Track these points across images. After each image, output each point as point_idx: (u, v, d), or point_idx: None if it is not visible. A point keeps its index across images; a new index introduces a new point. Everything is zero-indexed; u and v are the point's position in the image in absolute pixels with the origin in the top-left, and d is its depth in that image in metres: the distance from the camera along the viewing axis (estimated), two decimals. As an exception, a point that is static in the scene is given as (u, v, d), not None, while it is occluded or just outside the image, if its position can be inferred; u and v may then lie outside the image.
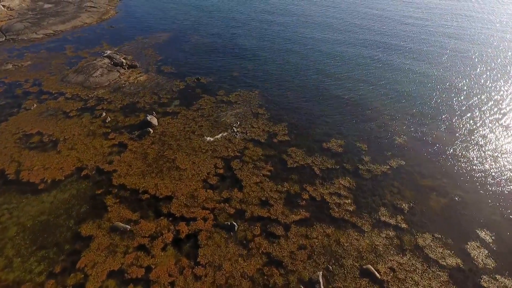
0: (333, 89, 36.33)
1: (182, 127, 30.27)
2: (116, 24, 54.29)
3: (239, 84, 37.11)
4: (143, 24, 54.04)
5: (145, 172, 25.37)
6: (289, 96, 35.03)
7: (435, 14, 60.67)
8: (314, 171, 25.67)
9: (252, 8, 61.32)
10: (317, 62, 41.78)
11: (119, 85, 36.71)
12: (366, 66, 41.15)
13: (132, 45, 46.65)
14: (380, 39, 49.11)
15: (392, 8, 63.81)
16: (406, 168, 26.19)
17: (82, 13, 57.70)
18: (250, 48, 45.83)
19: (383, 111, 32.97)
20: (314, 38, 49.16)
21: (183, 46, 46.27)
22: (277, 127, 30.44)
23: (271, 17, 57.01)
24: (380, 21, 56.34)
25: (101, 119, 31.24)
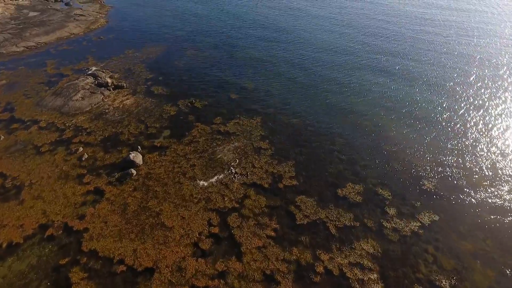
0: (345, 116, 31.36)
1: (171, 166, 25.34)
2: (106, 34, 49.24)
3: (238, 108, 32.14)
4: (135, 35, 48.97)
5: (123, 231, 20.47)
6: (295, 125, 30.08)
7: (454, 32, 55.54)
8: (328, 230, 20.76)
9: (253, 18, 56.16)
10: (325, 82, 36.77)
11: (102, 111, 31.73)
12: (384, 89, 36.12)
13: (120, 60, 41.63)
14: (394, 59, 44.07)
15: (417, 27, 58.71)
16: (440, 224, 21.26)
17: (70, 22, 52.62)
18: (250, 63, 40.81)
19: (405, 144, 28.01)
20: (323, 55, 44.11)
21: (176, 62, 41.23)
22: (282, 166, 25.51)
23: (274, 27, 51.88)
24: (397, 41, 51.25)
25: (77, 155, 26.32)
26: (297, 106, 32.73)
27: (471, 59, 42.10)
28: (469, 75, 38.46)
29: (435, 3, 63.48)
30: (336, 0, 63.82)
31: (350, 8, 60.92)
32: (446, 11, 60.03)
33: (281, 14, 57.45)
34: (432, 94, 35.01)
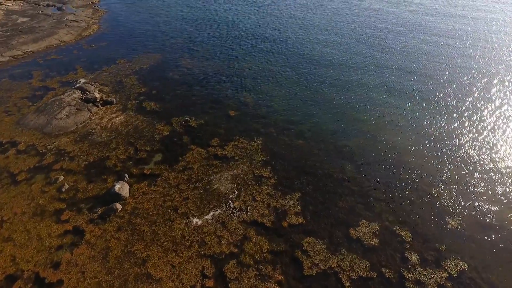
0: (355, 138, 28.24)
1: (161, 200, 22.27)
2: (98, 42, 46.11)
3: (238, 128, 29.04)
4: (129, 43, 45.82)
5: (102, 284, 17.40)
6: (299, 147, 26.99)
7: (470, 44, 52.26)
8: (341, 283, 17.67)
9: (253, 27, 52.92)
10: (333, 100, 33.60)
11: (88, 131, 28.63)
12: (398, 108, 32.98)
13: (112, 71, 38.50)
14: (408, 75, 40.89)
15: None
16: (469, 275, 18.19)
17: (60, 29, 49.46)
18: (250, 75, 37.69)
19: (425, 172, 24.92)
20: (329, 69, 40.92)
21: (172, 73, 38.10)
22: (287, 199, 22.43)
23: (276, 38, 48.66)
24: (408, 54, 48.01)
25: (57, 186, 23.26)
26: (301, 125, 29.62)
27: (492, 76, 38.90)
28: (492, 95, 35.27)
29: (444, 11, 60.19)
30: (340, 9, 60.52)
31: (356, 17, 57.68)
32: (457, 19, 56.73)
33: (283, 23, 54.25)
34: (452, 115, 31.85)
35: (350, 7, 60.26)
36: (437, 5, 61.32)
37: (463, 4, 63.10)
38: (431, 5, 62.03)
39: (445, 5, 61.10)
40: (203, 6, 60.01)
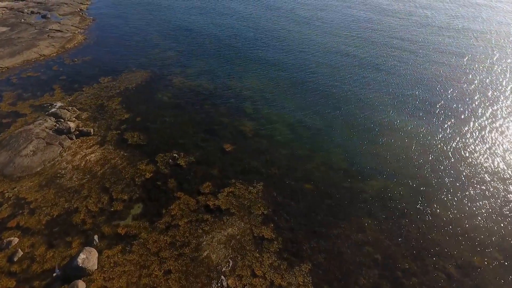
0: (374, 181, 23.33)
1: (136, 274, 17.37)
2: (81, 55, 41.12)
3: (234, 167, 24.17)
4: (115, 57, 40.83)
5: None
6: (307, 194, 22.20)
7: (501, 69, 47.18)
8: None
9: (254, 35, 47.78)
10: (348, 128, 28.64)
11: (57, 172, 23.70)
12: (425, 136, 28.08)
13: (93, 91, 33.54)
14: (433, 97, 35.94)
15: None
16: None
17: (42, 40, 44.39)
18: (250, 96, 32.82)
19: (462, 226, 20.03)
20: (340, 87, 35.91)
21: (161, 94, 33.14)
22: (294, 274, 17.58)
23: (279, 47, 43.61)
24: (425, 83, 42.94)
25: (8, 253, 18.38)
26: (309, 162, 24.71)
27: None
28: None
29: (457, 25, 55.00)
30: (352, 15, 55.39)
31: (363, 30, 52.54)
32: (469, 33, 51.53)
33: (288, 29, 49.11)
34: (472, 129, 26.96)
35: (354, 20, 55.14)
36: (447, 18, 56.21)
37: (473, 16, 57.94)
38: (441, 18, 56.94)
39: (457, 17, 55.99)
40: (199, 14, 54.91)
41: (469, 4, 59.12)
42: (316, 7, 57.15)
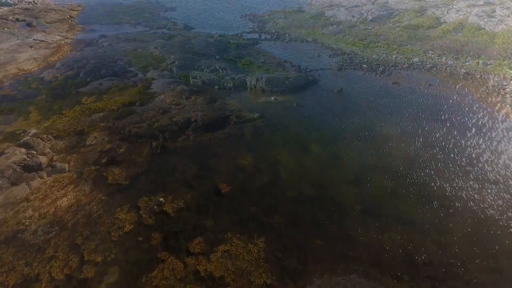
0: (393, 234, 19.04)
1: None
2: (64, 70, 36.85)
3: (231, 215, 19.94)
4: (102, 71, 36.62)
5: None
6: (319, 252, 17.87)
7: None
8: None
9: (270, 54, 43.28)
10: (362, 160, 24.38)
11: (20, 223, 19.52)
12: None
13: (73, 114, 29.34)
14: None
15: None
16: None
17: (23, 53, 40.07)
18: (249, 125, 28.38)
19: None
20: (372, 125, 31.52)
21: (149, 118, 28.75)
22: None
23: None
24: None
25: None
26: (318, 206, 20.44)
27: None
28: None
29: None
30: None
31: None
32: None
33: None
34: None
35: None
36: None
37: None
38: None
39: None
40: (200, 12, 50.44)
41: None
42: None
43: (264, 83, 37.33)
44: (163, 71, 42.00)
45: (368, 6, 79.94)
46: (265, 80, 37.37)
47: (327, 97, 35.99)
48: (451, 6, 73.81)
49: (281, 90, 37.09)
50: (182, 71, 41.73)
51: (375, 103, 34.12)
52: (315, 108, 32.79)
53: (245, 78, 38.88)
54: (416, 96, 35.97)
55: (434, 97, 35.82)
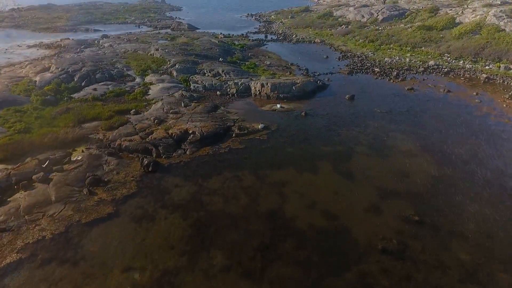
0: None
1: None
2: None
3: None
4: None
5: None
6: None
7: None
8: None
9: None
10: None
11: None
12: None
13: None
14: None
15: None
16: None
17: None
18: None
19: None
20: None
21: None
22: None
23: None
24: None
25: None
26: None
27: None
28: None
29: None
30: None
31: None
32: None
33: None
34: None
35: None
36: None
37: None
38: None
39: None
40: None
41: None
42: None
43: (270, 89, 33.96)
44: (163, 74, 38.92)
45: (378, 5, 75.86)
46: (271, 85, 34.01)
47: (338, 104, 32.54)
48: (465, 6, 69.56)
49: (288, 96, 33.72)
50: (183, 74, 38.56)
51: (391, 112, 30.61)
52: (325, 118, 29.38)
53: (249, 83, 35.56)
54: (435, 104, 32.36)
55: (455, 105, 32.17)
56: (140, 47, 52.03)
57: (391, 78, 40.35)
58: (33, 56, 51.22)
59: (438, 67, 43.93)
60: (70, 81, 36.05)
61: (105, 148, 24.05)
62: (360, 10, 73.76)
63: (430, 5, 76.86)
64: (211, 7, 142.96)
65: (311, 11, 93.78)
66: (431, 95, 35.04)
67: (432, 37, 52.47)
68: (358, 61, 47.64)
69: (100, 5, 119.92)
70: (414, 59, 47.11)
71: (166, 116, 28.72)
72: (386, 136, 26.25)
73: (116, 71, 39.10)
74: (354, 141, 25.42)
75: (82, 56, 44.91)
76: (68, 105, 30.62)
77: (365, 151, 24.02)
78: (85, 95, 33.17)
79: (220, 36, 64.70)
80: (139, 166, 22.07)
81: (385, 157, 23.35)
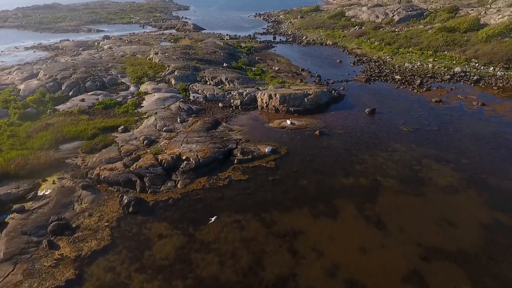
0: None
1: None
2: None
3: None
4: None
5: None
6: None
7: None
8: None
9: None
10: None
11: None
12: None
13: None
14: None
15: None
16: None
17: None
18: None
19: None
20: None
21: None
22: None
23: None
24: None
25: None
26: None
27: None
28: None
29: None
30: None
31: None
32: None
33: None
34: None
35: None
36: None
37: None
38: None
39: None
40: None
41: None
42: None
43: (279, 101, 29.06)
44: (160, 82, 34.29)
45: (393, 5, 69.93)
46: (280, 97, 29.08)
47: (357, 120, 27.54)
48: (488, 6, 63.28)
49: (299, 110, 28.81)
50: (182, 82, 33.82)
51: (419, 131, 25.53)
52: (343, 138, 24.42)
53: (255, 94, 30.69)
54: (470, 121, 27.17)
55: (495, 123, 26.93)
56: (140, 50, 47.47)
57: (414, 88, 35.09)
58: (28, 59, 47.18)
59: (465, 75, 38.45)
60: (57, 90, 31.63)
61: (81, 178, 19.50)
62: (374, 10, 68.03)
63: (449, 4, 70.73)
64: (219, 6, 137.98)
65: (321, 10, 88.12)
66: (463, 109, 29.76)
67: (455, 40, 46.79)
68: (375, 67, 42.36)
69: (107, 4, 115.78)
70: (438, 65, 41.65)
71: (158, 135, 24.04)
72: (418, 164, 21.20)
73: (109, 78, 34.56)
74: (381, 171, 20.43)
75: (76, 61, 40.52)
76: (49, 119, 26.17)
77: (396, 186, 19.01)
78: (71, 107, 28.72)
79: (226, 38, 59.78)
80: (117, 205, 17.40)
81: (421, 196, 18.34)
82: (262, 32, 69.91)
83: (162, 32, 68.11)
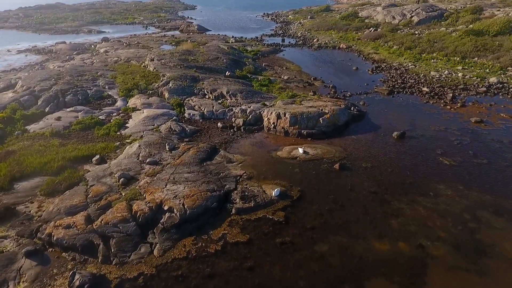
0: None
1: None
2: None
3: None
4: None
5: None
6: None
7: None
8: None
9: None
10: None
11: None
12: None
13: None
14: None
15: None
16: None
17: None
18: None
19: None
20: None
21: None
22: None
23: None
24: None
25: None
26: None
27: None
28: None
29: None
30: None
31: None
32: None
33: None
34: None
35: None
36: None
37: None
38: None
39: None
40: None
41: None
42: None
43: (289, 122, 23.50)
44: (152, 96, 28.93)
45: (410, 5, 63.25)
46: (290, 117, 23.50)
47: (384, 149, 21.82)
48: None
49: (313, 133, 23.21)
50: (177, 96, 28.38)
51: (463, 165, 19.77)
52: (369, 175, 18.77)
53: (261, 112, 25.11)
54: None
55: (559, 155, 20.84)
56: (137, 55, 42.15)
57: (446, 103, 29.07)
58: (17, 64, 42.37)
59: (503, 86, 32.28)
60: (32, 105, 26.53)
61: (28, 237, 14.22)
62: (390, 11, 61.49)
63: (471, 4, 63.76)
64: (227, 5, 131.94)
65: (332, 10, 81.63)
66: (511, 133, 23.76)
67: (486, 44, 40.38)
68: (397, 76, 36.35)
69: (112, 4, 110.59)
70: (469, 74, 35.46)
71: (139, 170, 18.68)
72: (473, 219, 15.49)
73: (94, 90, 29.33)
74: (425, 230, 14.78)
75: (63, 68, 35.33)
76: (13, 145, 20.95)
77: (449, 258, 13.36)
78: (44, 128, 23.58)
79: (231, 41, 54.07)
80: (67, 284, 12.09)
81: (487, 275, 12.60)
82: (270, 34, 64.02)
83: (164, 34, 62.72)
